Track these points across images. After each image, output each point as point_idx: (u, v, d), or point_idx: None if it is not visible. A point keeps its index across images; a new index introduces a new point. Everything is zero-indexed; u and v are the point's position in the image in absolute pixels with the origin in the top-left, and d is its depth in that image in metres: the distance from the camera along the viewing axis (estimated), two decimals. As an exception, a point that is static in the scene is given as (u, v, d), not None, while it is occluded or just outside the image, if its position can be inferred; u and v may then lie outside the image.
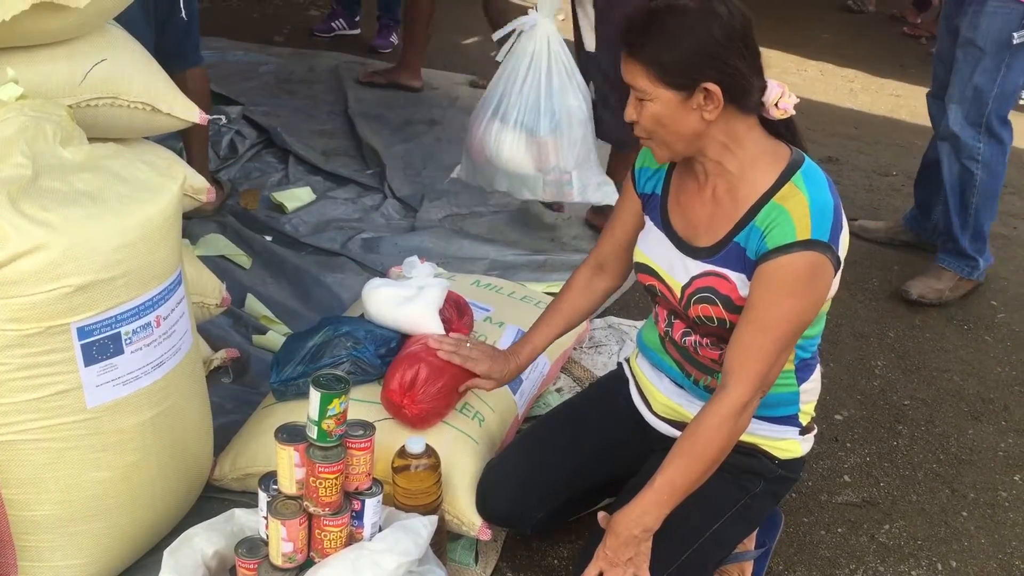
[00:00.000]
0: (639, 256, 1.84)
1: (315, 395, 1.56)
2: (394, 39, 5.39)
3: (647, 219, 1.84)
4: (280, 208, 3.33)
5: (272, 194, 3.40)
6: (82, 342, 1.55)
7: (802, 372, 1.80)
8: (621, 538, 1.63)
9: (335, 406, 1.57)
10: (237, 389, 2.39)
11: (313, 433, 1.58)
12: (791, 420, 1.82)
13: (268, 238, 3.11)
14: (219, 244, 2.97)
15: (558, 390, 2.51)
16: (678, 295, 1.75)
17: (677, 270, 1.75)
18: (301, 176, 3.63)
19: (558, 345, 2.48)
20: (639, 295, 3.05)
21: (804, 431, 1.85)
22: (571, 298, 2.01)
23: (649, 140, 1.67)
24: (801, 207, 1.59)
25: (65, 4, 1.71)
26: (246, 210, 3.29)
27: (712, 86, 1.56)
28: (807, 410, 1.85)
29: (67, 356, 1.54)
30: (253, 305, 2.71)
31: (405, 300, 2.07)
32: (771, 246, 1.60)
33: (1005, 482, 2.35)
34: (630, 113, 1.64)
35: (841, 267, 1.67)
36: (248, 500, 2.02)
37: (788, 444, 1.83)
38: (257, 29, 5.41)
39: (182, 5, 2.79)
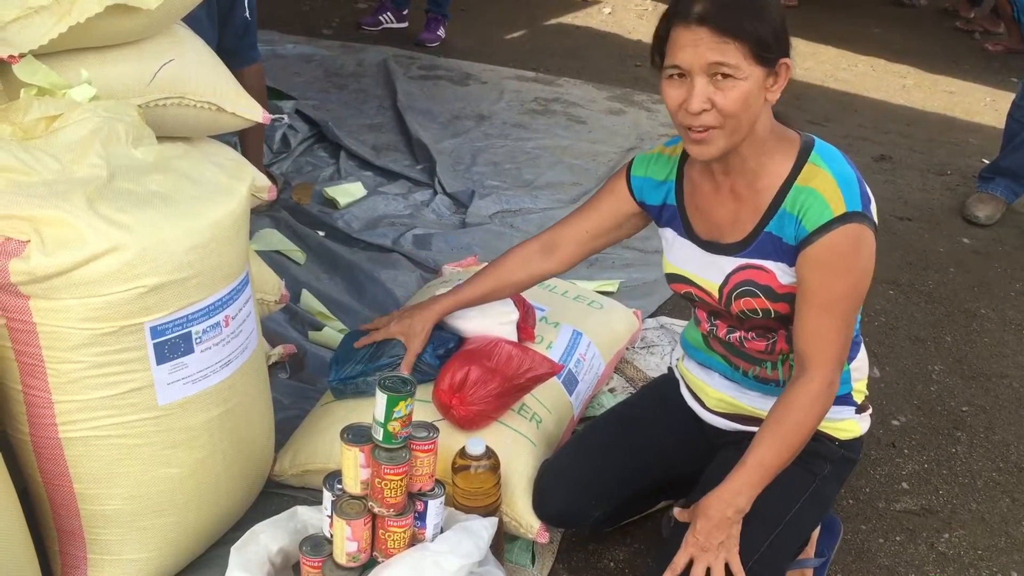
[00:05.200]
0: (669, 268, 1.84)
1: (381, 397, 1.57)
2: (441, 33, 5.40)
3: (668, 231, 1.83)
4: (332, 203, 3.36)
5: (324, 189, 3.42)
6: (154, 341, 1.57)
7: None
8: (713, 520, 1.61)
9: (401, 408, 1.58)
10: (294, 385, 2.42)
11: (379, 435, 1.59)
12: (846, 399, 1.81)
13: (321, 233, 3.13)
14: (273, 239, 3.00)
15: (611, 390, 2.51)
16: (716, 296, 1.75)
17: (710, 271, 1.75)
18: (353, 171, 3.66)
19: (612, 345, 2.48)
20: (691, 295, 3.03)
21: (860, 409, 1.85)
22: (507, 266, 2.01)
23: (714, 130, 1.56)
24: (828, 184, 1.59)
25: (137, 6, 1.74)
26: (299, 205, 3.31)
27: (789, 61, 1.56)
28: (859, 388, 1.85)
29: (140, 355, 1.57)
30: (308, 301, 2.74)
31: (475, 320, 2.08)
32: (810, 229, 1.59)
33: (1067, 492, 2.31)
34: (700, 102, 1.52)
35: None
36: (307, 496, 2.05)
37: (847, 424, 1.83)
38: (305, 22, 5.45)
39: (245, 3, 2.82)
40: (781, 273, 1.66)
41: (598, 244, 1.95)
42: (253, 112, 2.08)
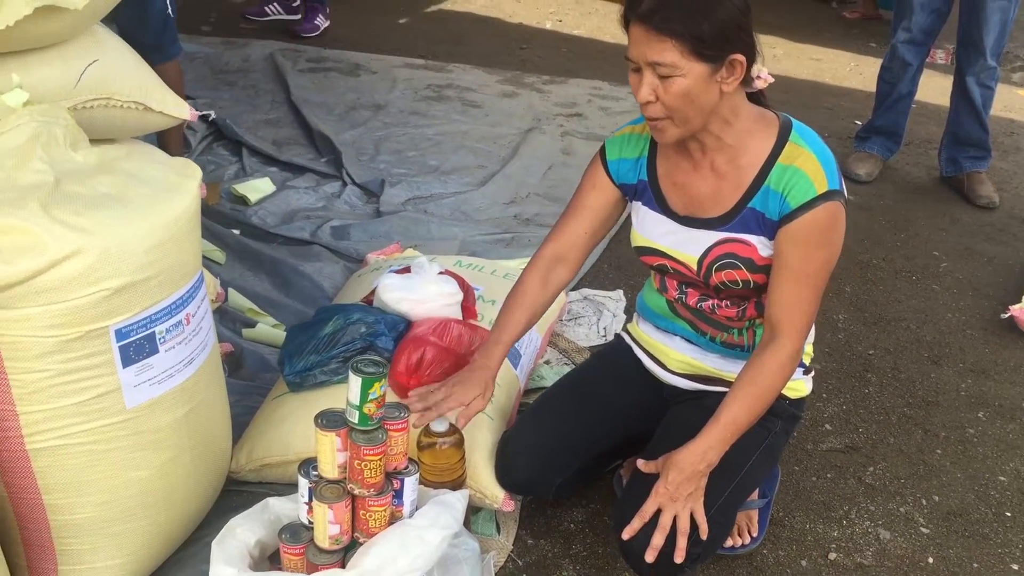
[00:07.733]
0: (640, 241, 1.91)
1: (356, 381, 1.60)
2: (319, 22, 5.32)
3: (639, 204, 1.89)
4: (243, 201, 3.32)
5: (232, 187, 3.38)
6: (120, 344, 1.56)
7: None
8: (685, 473, 1.70)
9: (375, 390, 1.61)
10: (235, 383, 2.38)
11: (355, 418, 1.62)
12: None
13: (237, 231, 3.10)
14: (190, 240, 2.95)
15: (547, 363, 2.59)
16: (694, 268, 1.83)
17: (687, 245, 1.82)
18: (258, 167, 3.62)
19: (544, 320, 2.56)
20: (608, 266, 3.14)
21: (807, 371, 1.99)
22: (530, 293, 1.94)
23: (663, 120, 1.67)
24: (812, 163, 1.69)
25: (64, 6, 1.70)
26: (208, 205, 3.26)
27: (740, 57, 1.62)
28: (808, 351, 1.99)
29: (106, 359, 1.55)
30: (236, 299, 2.71)
31: (422, 302, 2.12)
32: (795, 205, 1.69)
33: (970, 419, 2.52)
34: (646, 94, 1.63)
35: None
36: (266, 491, 2.04)
37: (796, 384, 1.96)
38: (182, 18, 5.27)
39: None
40: (761, 246, 1.76)
41: (597, 239, 1.96)
42: (180, 110, 2.05)
